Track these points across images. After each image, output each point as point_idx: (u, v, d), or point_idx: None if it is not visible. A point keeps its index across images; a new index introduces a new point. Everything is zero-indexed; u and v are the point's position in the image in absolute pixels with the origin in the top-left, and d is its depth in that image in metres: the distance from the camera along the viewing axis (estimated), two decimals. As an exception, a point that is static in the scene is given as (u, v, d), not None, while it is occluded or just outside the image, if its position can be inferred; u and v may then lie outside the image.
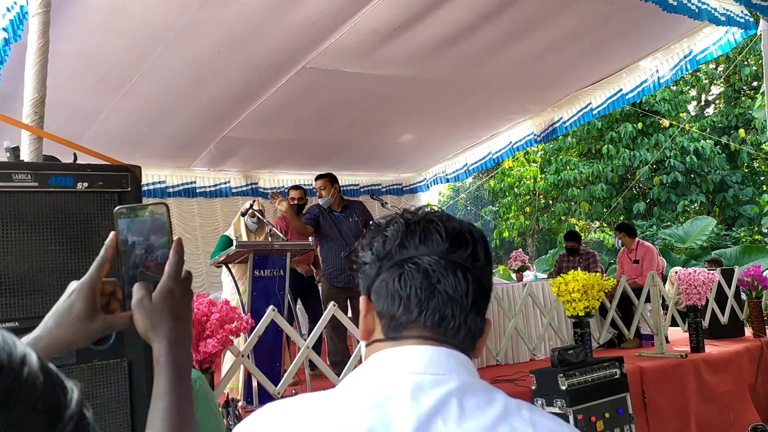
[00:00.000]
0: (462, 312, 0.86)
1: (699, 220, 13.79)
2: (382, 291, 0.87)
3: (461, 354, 0.85)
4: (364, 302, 0.90)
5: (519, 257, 7.10)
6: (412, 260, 0.86)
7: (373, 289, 0.89)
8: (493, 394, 0.82)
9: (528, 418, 0.80)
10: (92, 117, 5.95)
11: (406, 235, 0.88)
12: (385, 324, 0.87)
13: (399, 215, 0.91)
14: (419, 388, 0.79)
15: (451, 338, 0.85)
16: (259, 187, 8.83)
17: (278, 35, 5.28)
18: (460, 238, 0.88)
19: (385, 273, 0.87)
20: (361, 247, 0.92)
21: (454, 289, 0.86)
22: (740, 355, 5.87)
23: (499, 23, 5.78)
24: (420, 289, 0.85)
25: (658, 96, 14.56)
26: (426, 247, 0.87)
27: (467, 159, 9.70)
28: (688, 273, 5.89)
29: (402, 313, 0.85)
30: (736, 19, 6.20)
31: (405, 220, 0.89)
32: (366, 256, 0.90)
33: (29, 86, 2.72)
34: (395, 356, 0.84)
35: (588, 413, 3.67)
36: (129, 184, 1.81)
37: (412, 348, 0.84)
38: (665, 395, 5.08)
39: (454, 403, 0.78)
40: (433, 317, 0.85)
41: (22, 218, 1.65)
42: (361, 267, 0.91)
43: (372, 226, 0.93)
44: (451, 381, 0.80)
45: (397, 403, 0.78)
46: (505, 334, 5.37)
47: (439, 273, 0.85)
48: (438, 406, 0.78)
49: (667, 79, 7.57)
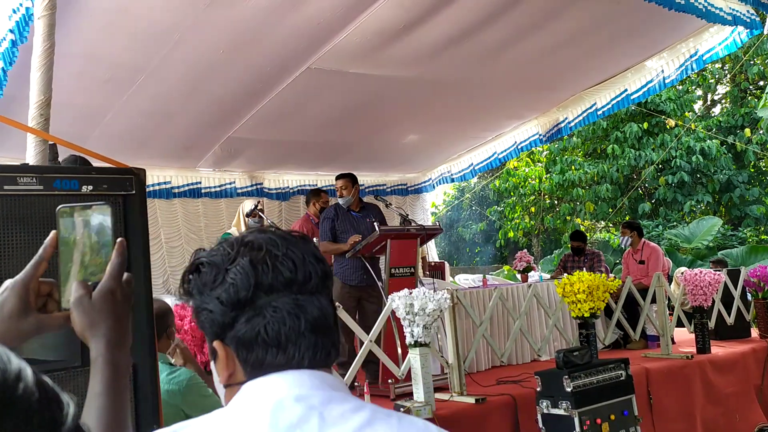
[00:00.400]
0: (329, 337, 0.89)
1: (705, 220, 13.73)
2: (247, 340, 0.86)
3: (326, 373, 0.87)
4: (220, 347, 0.88)
5: (524, 258, 7.08)
6: (271, 305, 0.86)
7: (231, 337, 0.87)
8: (361, 405, 0.83)
9: (396, 425, 0.82)
10: (98, 118, 5.96)
11: (257, 278, 0.86)
12: (253, 368, 0.86)
13: (236, 251, 0.88)
14: (280, 406, 0.81)
15: (321, 364, 0.88)
16: (264, 188, 8.83)
17: (283, 36, 5.28)
18: (306, 266, 0.88)
19: (244, 322, 0.86)
20: (196, 287, 0.88)
21: (319, 320, 0.88)
22: (746, 356, 5.85)
23: (504, 24, 5.77)
24: (289, 332, 0.86)
25: (664, 96, 14.50)
26: (281, 286, 0.86)
27: (472, 159, 9.69)
28: (694, 274, 5.86)
29: (273, 357, 0.86)
30: (742, 18, 6.18)
31: (250, 261, 0.86)
32: (209, 302, 0.87)
33: (35, 89, 2.73)
34: (262, 386, 0.85)
35: (593, 415, 3.65)
36: (134, 186, 1.81)
37: (277, 375, 0.85)
38: (671, 396, 5.07)
39: (315, 415, 0.80)
40: (306, 353, 0.86)
41: (27, 221, 1.65)
42: (200, 311, 0.88)
43: (203, 263, 0.89)
44: (314, 397, 0.82)
45: (256, 423, 0.79)
46: (510, 335, 5.36)
47: (302, 310, 0.87)
48: (298, 421, 0.79)
49: (673, 79, 7.55)
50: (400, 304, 3.88)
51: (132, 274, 0.95)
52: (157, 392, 1.79)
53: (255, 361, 0.86)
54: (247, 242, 0.89)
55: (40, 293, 0.90)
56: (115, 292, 0.90)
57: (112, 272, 0.90)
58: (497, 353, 5.20)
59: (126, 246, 0.92)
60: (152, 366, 1.85)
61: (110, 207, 0.93)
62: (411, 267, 5.00)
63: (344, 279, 5.18)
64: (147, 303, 1.86)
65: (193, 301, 0.89)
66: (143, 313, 1.83)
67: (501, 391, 4.38)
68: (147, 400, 1.75)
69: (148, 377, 1.77)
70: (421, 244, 5.25)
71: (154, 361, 1.88)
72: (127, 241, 1.88)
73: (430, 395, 3.89)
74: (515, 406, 4.17)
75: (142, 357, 1.80)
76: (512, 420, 4.15)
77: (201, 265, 0.89)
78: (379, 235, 4.78)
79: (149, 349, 1.86)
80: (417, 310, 3.82)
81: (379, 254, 5.03)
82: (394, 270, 4.90)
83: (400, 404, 3.82)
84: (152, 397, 1.75)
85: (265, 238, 0.89)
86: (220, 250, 0.90)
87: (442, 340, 5.07)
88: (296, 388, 0.83)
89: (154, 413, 1.80)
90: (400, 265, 4.93)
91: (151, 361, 1.84)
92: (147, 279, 1.87)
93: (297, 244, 0.90)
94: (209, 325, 0.88)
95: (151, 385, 1.75)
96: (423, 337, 3.88)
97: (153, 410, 1.76)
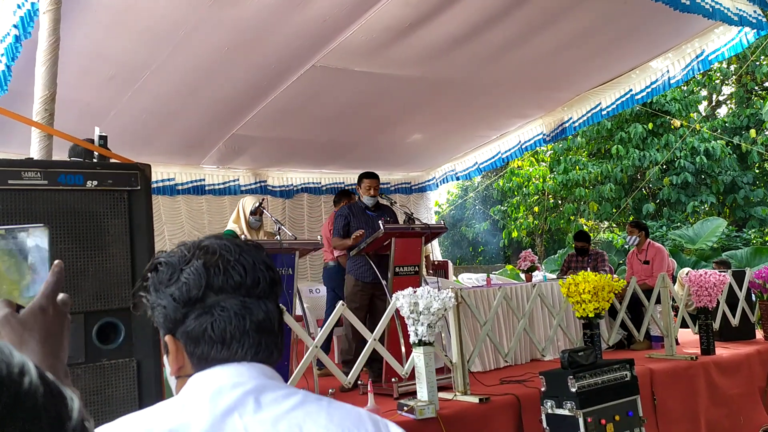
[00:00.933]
0: (272, 338, 0.97)
1: (709, 221, 13.69)
2: (195, 335, 0.94)
3: (265, 366, 0.95)
4: (171, 341, 0.95)
5: (528, 257, 7.06)
6: (220, 305, 0.94)
7: (181, 332, 0.94)
8: (294, 392, 0.93)
9: (325, 406, 0.92)
10: (102, 114, 5.96)
11: (209, 279, 0.93)
12: (199, 361, 0.94)
13: (192, 254, 0.95)
14: (218, 392, 0.89)
15: (262, 362, 0.96)
16: (267, 185, 8.83)
17: (288, 33, 5.27)
18: (256, 272, 0.96)
19: (194, 319, 0.94)
20: (153, 285, 0.95)
21: (264, 322, 0.96)
22: (751, 357, 5.82)
23: (509, 23, 5.75)
24: (234, 331, 0.94)
25: (669, 96, 14.46)
26: (230, 288, 0.94)
27: (477, 158, 9.67)
28: (699, 275, 5.83)
29: (218, 352, 0.94)
30: (748, 19, 6.15)
31: (204, 263, 0.94)
32: (163, 298, 0.94)
33: (39, 83, 2.72)
34: (205, 376, 0.93)
35: (598, 416, 3.63)
36: (139, 182, 1.80)
37: (220, 367, 0.93)
38: (675, 398, 5.04)
39: (251, 399, 0.89)
40: (249, 351, 0.95)
41: (31, 215, 1.64)
42: (155, 307, 0.96)
43: (161, 262, 0.96)
44: (249, 383, 0.91)
45: (196, 407, 0.88)
46: (515, 334, 5.34)
47: (248, 311, 0.95)
48: (235, 404, 0.88)
49: (678, 80, 7.52)
50: (405, 302, 3.86)
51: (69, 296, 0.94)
52: (161, 389, 1.78)
53: (201, 355, 0.94)
54: (203, 246, 0.96)
55: None
56: (45, 309, 0.88)
57: (44, 290, 0.89)
58: (501, 353, 5.18)
59: (62, 267, 0.91)
60: (156, 363, 1.84)
61: (46, 230, 0.94)
62: (415, 266, 4.99)
63: (358, 276, 5.16)
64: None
65: (149, 298, 0.96)
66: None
67: (505, 390, 4.36)
68: (151, 397, 1.73)
69: (152, 374, 1.75)
70: (425, 243, 5.23)
71: (158, 357, 1.87)
72: (132, 236, 1.87)
73: (434, 394, 3.87)
74: (519, 405, 4.15)
75: (145, 354, 1.79)
76: (516, 420, 4.13)
77: (159, 264, 0.96)
78: (384, 233, 4.76)
79: (153, 346, 1.85)
80: (422, 309, 3.80)
81: (385, 252, 5.02)
82: (398, 269, 4.88)
83: (403, 403, 3.80)
84: (156, 395, 1.74)
85: (221, 244, 0.97)
86: (177, 252, 0.97)
87: (445, 339, 5.05)
88: (235, 377, 0.91)
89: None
90: (404, 263, 4.91)
91: (155, 358, 1.83)
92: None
93: (250, 251, 0.97)
94: (162, 320, 0.95)
95: (155, 384, 1.73)
96: (427, 336, 3.86)
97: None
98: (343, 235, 5.30)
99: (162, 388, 1.86)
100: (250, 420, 0.87)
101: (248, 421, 0.86)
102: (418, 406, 3.70)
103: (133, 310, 1.03)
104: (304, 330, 4.26)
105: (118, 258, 1.72)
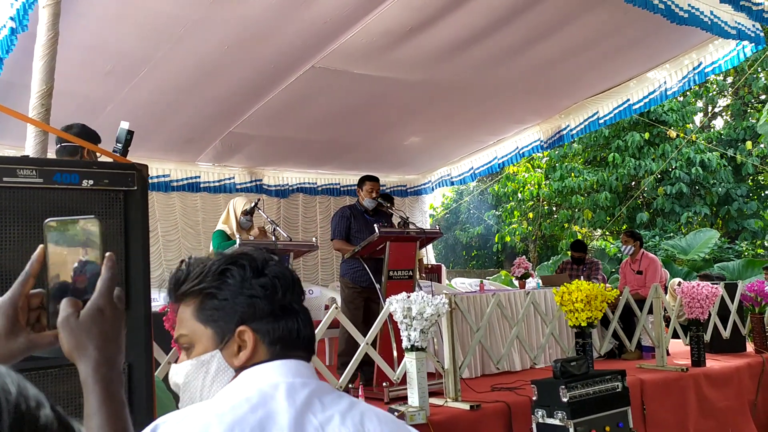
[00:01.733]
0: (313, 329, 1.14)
1: (702, 232, 13.74)
2: (281, 330, 1.08)
3: (310, 365, 1.11)
4: (249, 332, 1.06)
5: (522, 264, 7.07)
6: (299, 308, 1.12)
7: (261, 324, 1.07)
8: (340, 393, 1.08)
9: (369, 407, 1.07)
10: (99, 109, 5.92)
11: (290, 283, 1.11)
12: (275, 350, 1.08)
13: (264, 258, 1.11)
14: (293, 389, 1.02)
15: (311, 352, 1.13)
16: (263, 184, 8.80)
17: (289, 34, 5.25)
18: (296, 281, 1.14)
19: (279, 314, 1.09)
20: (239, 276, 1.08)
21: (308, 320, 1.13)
22: (741, 370, 5.83)
23: (510, 31, 5.75)
24: (306, 333, 1.11)
25: (666, 106, 14.51)
26: (297, 296, 1.13)
27: (473, 162, 9.67)
28: (691, 286, 5.85)
29: (294, 351, 1.09)
30: (746, 32, 6.16)
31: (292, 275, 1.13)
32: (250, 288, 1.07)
33: (37, 78, 2.70)
34: (269, 369, 1.05)
35: (588, 426, 3.63)
36: (135, 182, 1.78)
37: (282, 362, 1.06)
38: (665, 409, 5.05)
39: (316, 400, 1.02)
40: (309, 354, 1.12)
41: (26, 214, 1.62)
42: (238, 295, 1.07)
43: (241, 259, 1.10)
44: (312, 383, 1.05)
45: (277, 401, 0.99)
46: (507, 341, 5.33)
47: (309, 320, 1.13)
48: (307, 402, 1.01)
49: (675, 91, 7.54)
50: (398, 307, 3.85)
51: (122, 289, 0.92)
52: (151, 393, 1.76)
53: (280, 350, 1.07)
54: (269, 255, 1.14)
55: (31, 307, 0.88)
56: (104, 309, 0.87)
57: (102, 289, 0.87)
58: (493, 359, 5.18)
59: (114, 260, 0.89)
60: (147, 365, 1.82)
61: (99, 221, 0.91)
62: (409, 270, 4.98)
63: (354, 279, 5.15)
64: (145, 300, 1.83)
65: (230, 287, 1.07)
66: (141, 311, 1.80)
67: (496, 398, 4.35)
68: (141, 400, 1.71)
69: (143, 377, 1.73)
70: (420, 248, 5.22)
71: (150, 360, 1.85)
72: (127, 238, 1.85)
73: (425, 400, 3.86)
74: (509, 413, 4.15)
75: (137, 356, 1.77)
76: (506, 428, 4.12)
77: (240, 259, 1.10)
78: (379, 237, 4.75)
79: (145, 348, 1.83)
80: (415, 314, 3.79)
81: (380, 255, 5.01)
82: (392, 273, 4.87)
83: (394, 408, 3.79)
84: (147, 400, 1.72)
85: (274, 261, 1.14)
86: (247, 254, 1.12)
87: (437, 345, 5.04)
88: (299, 375, 1.05)
89: (148, 413, 1.77)
90: (399, 268, 4.90)
91: (147, 361, 1.81)
92: (146, 277, 1.83)
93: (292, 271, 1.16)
94: (245, 308, 1.07)
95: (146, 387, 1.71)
96: (420, 341, 3.85)
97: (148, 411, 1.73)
98: (344, 237, 5.30)
99: (153, 391, 1.84)
100: (322, 418, 0.99)
101: (321, 420, 0.99)
102: (408, 412, 3.69)
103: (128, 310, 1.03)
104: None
105: (112, 258, 1.70)
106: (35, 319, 0.88)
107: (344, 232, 5.29)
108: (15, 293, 0.86)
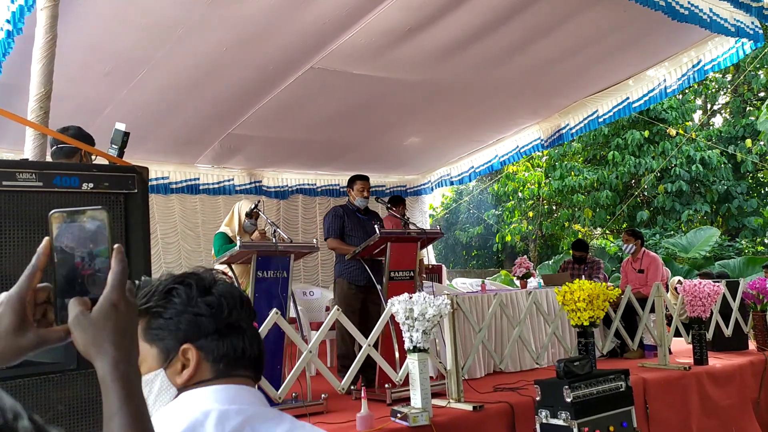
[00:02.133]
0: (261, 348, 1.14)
1: (702, 230, 13.73)
2: (223, 349, 1.08)
3: (256, 390, 1.11)
4: (193, 351, 1.06)
5: (523, 264, 7.05)
6: (246, 326, 1.12)
7: (205, 343, 1.07)
8: (282, 418, 1.06)
9: (315, 429, 1.07)
10: (98, 110, 5.90)
11: (238, 301, 1.11)
12: (219, 367, 1.08)
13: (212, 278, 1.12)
14: (225, 416, 1.00)
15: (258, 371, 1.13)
16: (263, 186, 8.78)
17: (287, 34, 5.24)
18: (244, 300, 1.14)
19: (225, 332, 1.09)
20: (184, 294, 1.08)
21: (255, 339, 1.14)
22: (743, 368, 5.81)
23: (509, 30, 5.74)
24: (252, 353, 1.11)
25: (666, 104, 14.50)
26: (246, 315, 1.13)
27: (473, 162, 9.66)
28: (693, 285, 5.83)
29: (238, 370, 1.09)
30: (746, 30, 6.15)
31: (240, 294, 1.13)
32: (195, 306, 1.07)
33: (35, 81, 2.68)
34: (204, 394, 1.05)
35: (592, 426, 3.61)
36: (135, 185, 1.77)
37: (221, 387, 1.06)
38: (668, 407, 5.03)
39: (248, 428, 1.00)
40: (256, 373, 1.13)
41: (25, 218, 1.60)
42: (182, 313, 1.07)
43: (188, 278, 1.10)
44: (249, 409, 1.03)
45: (205, 430, 0.98)
46: (509, 341, 5.31)
47: (258, 339, 1.14)
48: (238, 430, 0.99)
49: (674, 89, 7.54)
50: (400, 308, 3.83)
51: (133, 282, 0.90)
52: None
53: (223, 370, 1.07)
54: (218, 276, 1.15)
55: (38, 302, 0.85)
56: (117, 304, 0.83)
57: (114, 282, 0.83)
58: (495, 359, 5.16)
59: (123, 252, 0.85)
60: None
61: (106, 211, 0.87)
62: (410, 271, 4.96)
63: (351, 279, 5.13)
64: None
65: (176, 306, 1.07)
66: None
67: (498, 398, 4.33)
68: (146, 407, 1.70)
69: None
70: (420, 248, 5.21)
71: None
72: (128, 241, 1.83)
73: (428, 401, 3.84)
74: (513, 414, 4.13)
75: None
76: (509, 428, 4.10)
77: (188, 279, 1.10)
78: (380, 237, 4.74)
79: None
80: (417, 315, 3.77)
81: (379, 257, 4.99)
82: (394, 273, 4.86)
83: (397, 410, 3.77)
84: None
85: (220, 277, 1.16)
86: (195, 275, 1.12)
87: (439, 345, 5.02)
88: (236, 401, 1.04)
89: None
90: (400, 268, 4.89)
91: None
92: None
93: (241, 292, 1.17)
94: (187, 327, 1.07)
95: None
96: (422, 342, 3.83)
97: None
98: (339, 236, 5.29)
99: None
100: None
101: None
102: (411, 414, 3.67)
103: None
104: (297, 333, 4.22)
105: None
106: (41, 315, 0.84)
107: (339, 230, 5.28)
108: (22, 287, 0.83)
